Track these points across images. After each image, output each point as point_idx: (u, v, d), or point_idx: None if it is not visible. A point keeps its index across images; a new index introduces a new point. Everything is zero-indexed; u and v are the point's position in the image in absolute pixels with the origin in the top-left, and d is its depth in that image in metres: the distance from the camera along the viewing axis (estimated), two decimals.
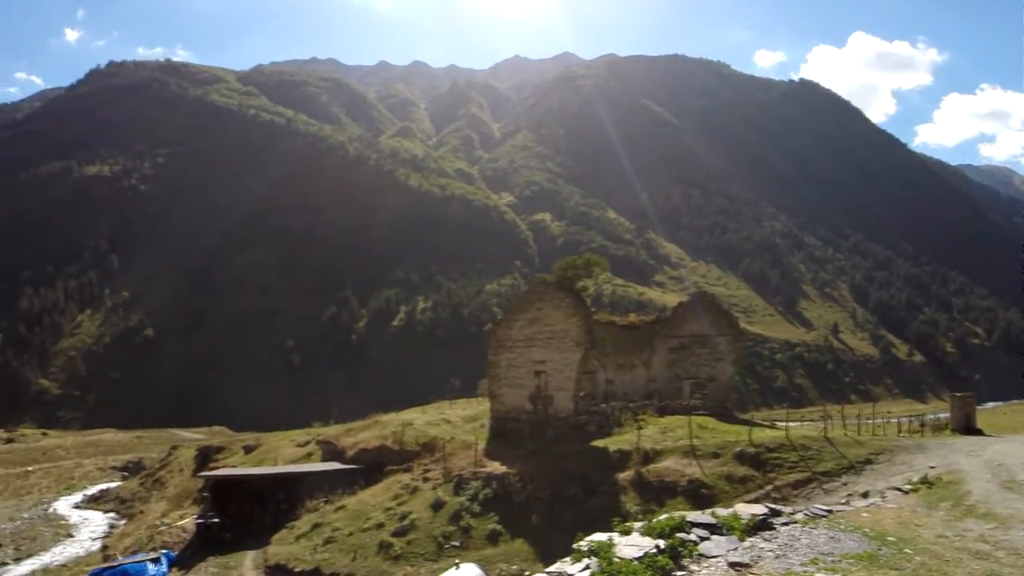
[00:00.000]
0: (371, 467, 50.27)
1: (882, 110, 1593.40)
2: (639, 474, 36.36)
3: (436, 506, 37.66)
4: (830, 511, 20.12)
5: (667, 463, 37.02)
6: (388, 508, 39.50)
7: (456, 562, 20.22)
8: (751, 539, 16.35)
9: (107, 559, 52.67)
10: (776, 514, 18.65)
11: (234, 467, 70.06)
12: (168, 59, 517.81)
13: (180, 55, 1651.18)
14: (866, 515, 20.11)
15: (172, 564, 42.28)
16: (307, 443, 68.44)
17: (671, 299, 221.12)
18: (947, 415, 55.63)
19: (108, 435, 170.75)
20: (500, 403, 51.79)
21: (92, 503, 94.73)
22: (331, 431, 68.76)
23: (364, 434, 59.15)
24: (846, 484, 32.10)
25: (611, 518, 23.50)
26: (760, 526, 17.38)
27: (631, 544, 14.88)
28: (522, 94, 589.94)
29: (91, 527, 78.43)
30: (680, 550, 14.91)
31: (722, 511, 18.22)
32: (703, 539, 15.76)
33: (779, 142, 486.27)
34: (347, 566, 34.53)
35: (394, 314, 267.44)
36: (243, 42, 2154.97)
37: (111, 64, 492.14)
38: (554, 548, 24.55)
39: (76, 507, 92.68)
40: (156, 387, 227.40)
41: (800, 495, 32.01)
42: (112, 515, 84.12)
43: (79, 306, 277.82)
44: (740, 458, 36.29)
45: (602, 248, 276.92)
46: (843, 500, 26.04)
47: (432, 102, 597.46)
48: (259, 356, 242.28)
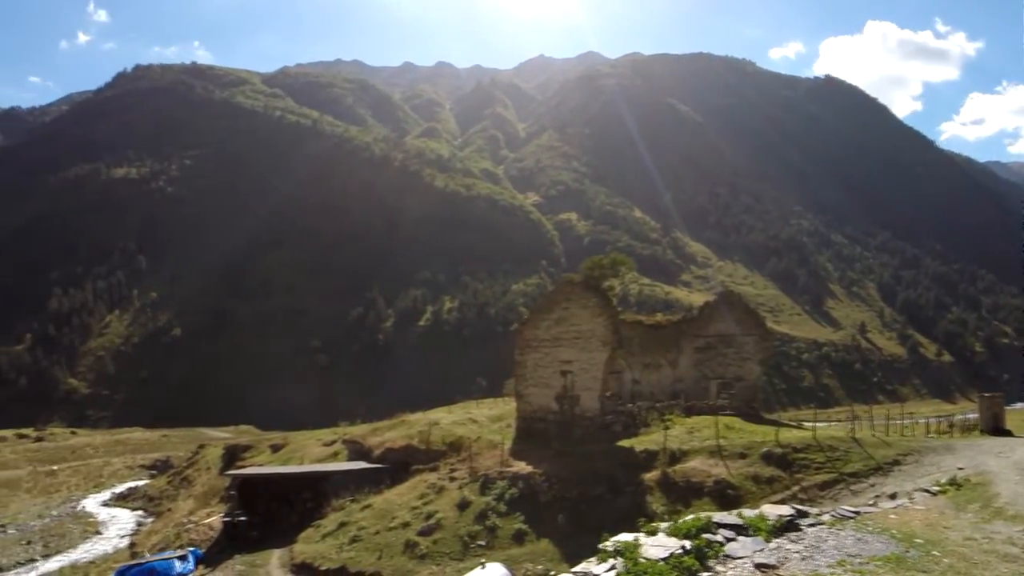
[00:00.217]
0: (397, 466, 50.40)
1: (906, 104, 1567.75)
2: (665, 474, 36.29)
3: (462, 505, 37.73)
4: (857, 512, 20.03)
5: (693, 463, 36.94)
6: (414, 507, 39.59)
7: (482, 561, 20.30)
8: (777, 540, 16.33)
9: (135, 556, 53.33)
10: (803, 515, 18.61)
11: (261, 466, 70.62)
12: (194, 62, 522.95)
13: (200, 55, 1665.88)
14: (894, 517, 20.02)
15: (199, 561, 42.77)
16: (333, 442, 68.82)
17: (697, 298, 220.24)
18: (975, 416, 55.12)
19: (136, 434, 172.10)
20: (526, 403, 51.82)
21: (120, 501, 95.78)
22: (357, 430, 69.11)
23: (390, 433, 59.39)
24: (873, 485, 31.89)
25: (637, 518, 23.51)
26: (787, 527, 17.35)
27: (657, 544, 14.92)
28: (547, 93, 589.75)
29: (119, 525, 79.42)
30: (706, 551, 14.92)
31: (748, 512, 18.21)
32: (729, 540, 15.76)
33: (804, 139, 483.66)
34: (373, 565, 34.62)
35: (420, 314, 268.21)
36: (267, 44, 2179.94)
37: (137, 67, 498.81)
38: (580, 548, 24.55)
39: (104, 505, 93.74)
40: (184, 386, 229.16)
41: (827, 496, 31.84)
42: (140, 513, 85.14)
43: (108, 307, 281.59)
44: (767, 459, 36.14)
45: (628, 248, 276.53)
46: (870, 501, 25.87)
47: (457, 102, 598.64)
48: (286, 356, 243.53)
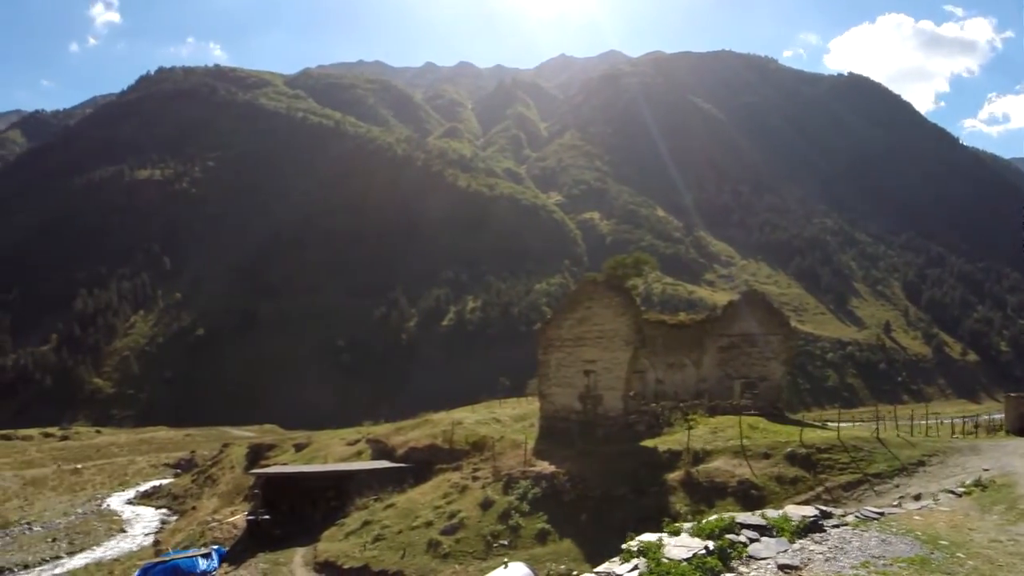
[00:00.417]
0: (421, 465, 50.67)
1: (927, 97, 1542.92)
2: (689, 474, 36.26)
3: (485, 505, 37.89)
4: (881, 513, 19.96)
5: (717, 463, 36.90)
6: (437, 506, 39.83)
7: (505, 561, 20.34)
8: (801, 541, 16.32)
9: (159, 554, 53.79)
10: (827, 516, 18.59)
11: (285, 465, 71.19)
12: (216, 64, 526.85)
13: (217, 55, 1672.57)
14: (918, 518, 19.94)
15: (223, 559, 43.15)
16: (357, 441, 69.25)
17: (721, 298, 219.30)
18: (1001, 416, 54.69)
19: (161, 433, 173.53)
20: (550, 402, 51.92)
21: (145, 499, 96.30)
22: (381, 430, 69.50)
23: (414, 433, 59.71)
24: (898, 486, 31.72)
25: (660, 518, 23.54)
26: (810, 528, 17.34)
27: (680, 545, 14.93)
28: (568, 93, 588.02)
29: (143, 522, 79.92)
30: (729, 551, 14.91)
31: (772, 512, 18.19)
32: (753, 541, 15.75)
33: (827, 137, 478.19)
34: (396, 564, 34.85)
35: (444, 313, 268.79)
36: (286, 45, 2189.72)
37: (160, 70, 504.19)
38: (603, 548, 24.58)
39: (129, 503, 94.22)
40: (208, 386, 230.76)
41: (851, 497, 31.71)
42: (164, 511, 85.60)
43: (132, 307, 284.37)
44: (791, 459, 36.04)
45: (651, 247, 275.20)
46: (895, 502, 25.73)
47: (479, 102, 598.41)
48: (310, 355, 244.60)
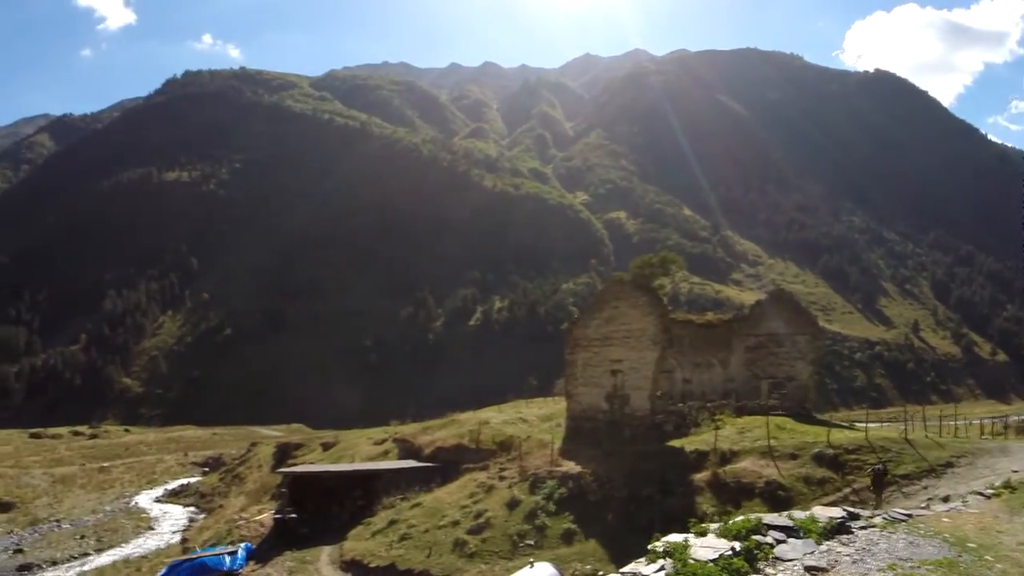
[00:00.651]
0: (447, 465, 50.86)
1: (951, 91, 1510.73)
2: (716, 475, 36.17)
3: (511, 504, 37.98)
4: (909, 515, 19.75)
5: (744, 464, 36.76)
6: (464, 506, 39.99)
7: (531, 560, 20.39)
8: (828, 543, 16.19)
9: (186, 551, 54.34)
10: (854, 517, 18.43)
11: (312, 464, 71.73)
12: (243, 67, 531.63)
13: (233, 55, 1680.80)
14: (946, 520, 19.73)
15: (250, 557, 43.45)
16: (384, 441, 69.57)
17: (748, 297, 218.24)
18: None
19: (189, 432, 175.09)
20: (576, 402, 51.93)
21: (172, 497, 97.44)
22: (408, 429, 69.79)
23: (441, 432, 59.89)
24: (926, 488, 31.46)
25: (687, 519, 23.50)
26: (838, 530, 17.19)
27: (706, 546, 14.88)
28: (593, 92, 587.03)
29: (171, 520, 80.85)
30: (756, 553, 14.81)
31: (799, 514, 18.08)
32: (779, 542, 15.63)
33: (854, 134, 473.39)
34: (422, 563, 35.06)
35: (471, 313, 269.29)
36: (311, 47, 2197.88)
37: (187, 73, 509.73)
38: (629, 548, 24.60)
39: (157, 501, 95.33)
40: (236, 385, 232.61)
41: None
42: (192, 509, 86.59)
43: (161, 307, 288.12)
44: (818, 459, 35.84)
45: (678, 246, 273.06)
46: (923, 504, 25.49)
47: (504, 102, 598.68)
48: (337, 355, 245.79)
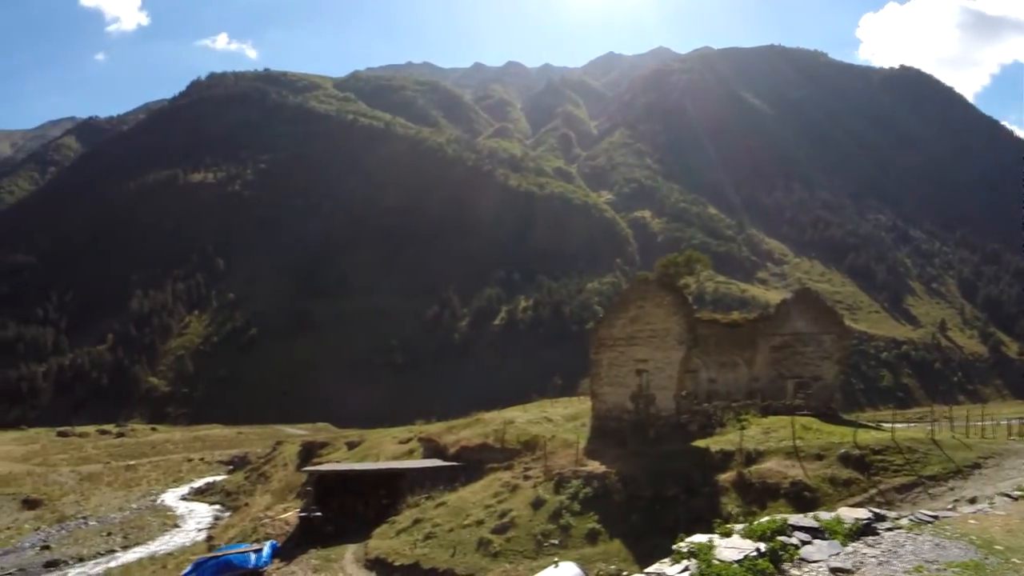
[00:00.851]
0: (472, 464, 50.90)
1: (974, 84, 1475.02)
2: (741, 475, 35.99)
3: (536, 504, 37.99)
4: (936, 517, 19.64)
5: (769, 464, 36.57)
6: (488, 505, 40.03)
7: (555, 560, 20.48)
8: (854, 544, 16.15)
9: (212, 549, 54.83)
10: (880, 519, 18.36)
11: (337, 462, 72.22)
12: (267, 68, 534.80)
13: (250, 55, 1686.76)
14: (973, 522, 19.59)
15: (275, 555, 43.78)
16: (409, 440, 69.87)
17: (774, 296, 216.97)
18: None
19: (215, 430, 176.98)
20: (601, 402, 51.85)
21: (198, 495, 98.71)
22: (433, 429, 70.00)
23: (466, 432, 60.01)
24: (953, 489, 31.16)
25: (712, 519, 23.49)
26: (863, 531, 17.14)
27: (731, 547, 14.89)
28: (617, 91, 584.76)
29: (197, 518, 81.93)
30: (781, 554, 14.81)
31: (825, 515, 18.04)
32: (805, 543, 15.62)
33: (880, 132, 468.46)
34: (446, 562, 35.15)
35: (496, 313, 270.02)
36: (336, 47, 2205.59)
37: (211, 76, 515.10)
38: (653, 549, 24.61)
39: (183, 499, 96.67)
40: (261, 385, 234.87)
41: (905, 500, 31.23)
42: (217, 507, 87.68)
43: (187, 307, 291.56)
44: (844, 460, 35.58)
45: (703, 245, 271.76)
46: (949, 506, 25.33)
47: (528, 101, 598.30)
48: (362, 355, 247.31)
